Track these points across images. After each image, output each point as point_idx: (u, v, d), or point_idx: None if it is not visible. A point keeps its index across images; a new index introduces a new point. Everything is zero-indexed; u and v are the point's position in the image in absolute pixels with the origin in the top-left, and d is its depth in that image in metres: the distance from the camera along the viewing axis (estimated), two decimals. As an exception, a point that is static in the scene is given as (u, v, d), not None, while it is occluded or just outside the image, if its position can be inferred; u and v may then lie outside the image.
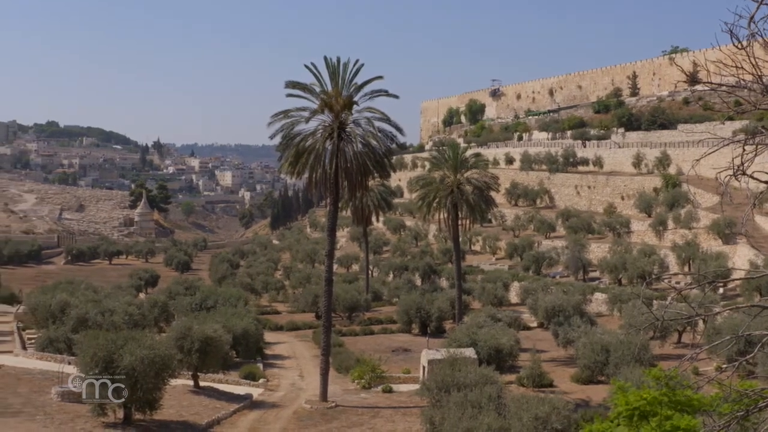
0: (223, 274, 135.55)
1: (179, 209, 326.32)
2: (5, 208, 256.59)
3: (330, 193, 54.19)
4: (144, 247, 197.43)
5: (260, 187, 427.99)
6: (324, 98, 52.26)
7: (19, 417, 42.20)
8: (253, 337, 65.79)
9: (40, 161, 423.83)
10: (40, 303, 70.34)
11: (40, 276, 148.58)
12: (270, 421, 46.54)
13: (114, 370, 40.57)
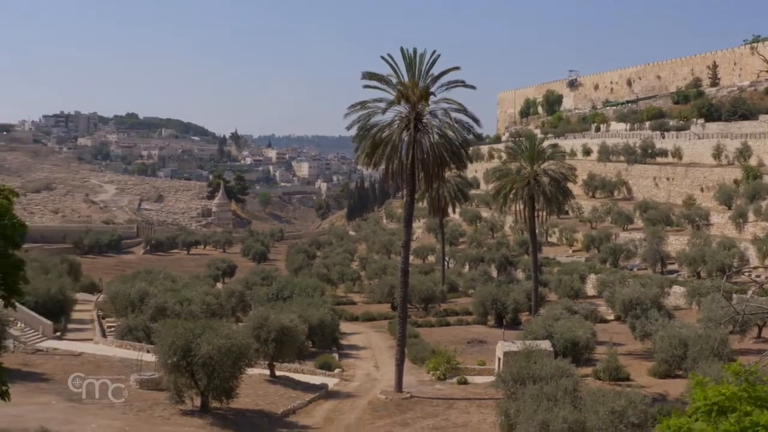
0: (299, 264, 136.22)
1: (256, 200, 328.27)
2: (86, 199, 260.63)
3: (406, 184, 54.18)
4: (221, 237, 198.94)
5: (337, 178, 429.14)
6: (400, 89, 52.19)
7: (99, 404, 42.90)
8: (329, 328, 66.06)
9: (120, 152, 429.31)
10: (119, 292, 71.36)
11: (120, 265, 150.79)
12: (345, 410, 46.76)
13: (191, 359, 41.09)
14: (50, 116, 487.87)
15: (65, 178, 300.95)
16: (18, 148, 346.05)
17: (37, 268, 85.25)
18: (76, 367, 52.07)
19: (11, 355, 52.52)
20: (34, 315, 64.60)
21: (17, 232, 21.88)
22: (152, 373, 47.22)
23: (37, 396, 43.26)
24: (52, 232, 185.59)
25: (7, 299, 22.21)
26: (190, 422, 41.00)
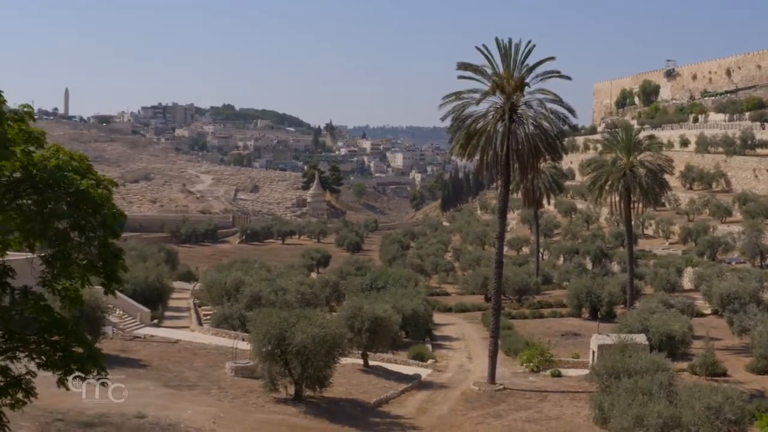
0: (393, 255, 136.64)
1: (351, 190, 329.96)
2: (183, 189, 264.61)
3: (501, 175, 53.90)
4: (316, 227, 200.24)
5: (431, 168, 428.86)
6: (495, 80, 51.90)
7: (195, 390, 43.53)
8: (423, 318, 66.08)
9: (216, 143, 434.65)
10: (215, 281, 72.33)
11: (216, 254, 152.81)
12: (438, 401, 46.74)
13: (286, 348, 41.43)
14: (148, 108, 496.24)
15: (163, 168, 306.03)
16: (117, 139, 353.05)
17: (136, 256, 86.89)
18: (172, 354, 53.01)
19: (110, 342, 53.54)
20: (132, 302, 65.81)
21: (117, 222, 22.22)
22: (247, 361, 47.73)
23: (135, 382, 43.98)
24: (150, 221, 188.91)
25: (108, 287, 22.58)
26: (284, 410, 41.36)
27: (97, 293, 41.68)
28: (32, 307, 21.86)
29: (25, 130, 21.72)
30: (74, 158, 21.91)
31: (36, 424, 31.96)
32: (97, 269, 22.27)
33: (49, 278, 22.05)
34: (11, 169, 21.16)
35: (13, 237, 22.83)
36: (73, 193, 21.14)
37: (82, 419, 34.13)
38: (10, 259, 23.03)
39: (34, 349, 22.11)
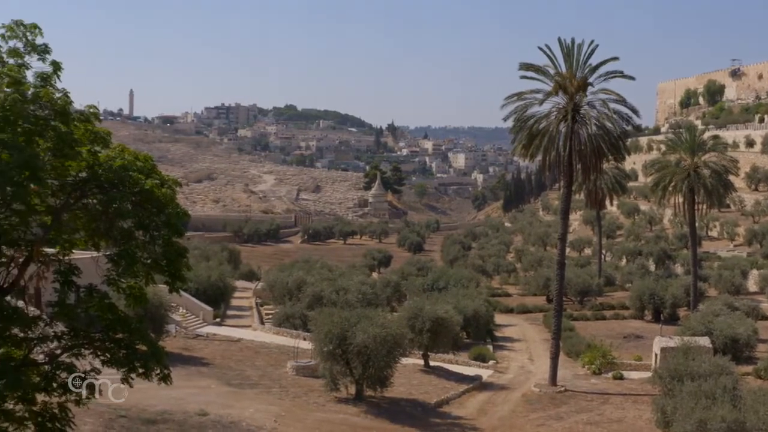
0: (454, 255, 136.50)
1: (412, 191, 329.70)
2: (246, 189, 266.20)
3: (563, 175, 53.69)
4: (378, 227, 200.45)
5: (493, 169, 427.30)
6: (558, 80, 51.66)
7: (257, 389, 43.83)
8: (484, 319, 66.02)
9: (278, 143, 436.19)
10: (277, 280, 72.82)
11: (278, 254, 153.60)
12: (499, 402, 46.63)
13: (347, 347, 41.57)
14: (212, 108, 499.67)
15: (226, 168, 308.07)
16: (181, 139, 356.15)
17: (199, 255, 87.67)
18: (234, 353, 53.43)
19: (173, 340, 54.12)
20: (195, 301, 66.42)
21: (180, 221, 22.44)
22: (308, 360, 47.95)
23: (197, 380, 44.42)
24: (212, 220, 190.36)
25: (172, 285, 22.82)
26: (345, 410, 41.50)
27: (161, 292, 42.19)
28: (97, 305, 22.14)
29: (91, 130, 22.01)
30: (139, 158, 22.16)
31: (100, 420, 32.36)
32: (161, 268, 22.52)
33: (114, 277, 22.32)
34: (77, 169, 21.45)
35: (79, 236, 23.16)
36: (137, 193, 21.39)
37: (145, 416, 34.51)
38: (75, 258, 23.36)
39: (99, 347, 22.40)
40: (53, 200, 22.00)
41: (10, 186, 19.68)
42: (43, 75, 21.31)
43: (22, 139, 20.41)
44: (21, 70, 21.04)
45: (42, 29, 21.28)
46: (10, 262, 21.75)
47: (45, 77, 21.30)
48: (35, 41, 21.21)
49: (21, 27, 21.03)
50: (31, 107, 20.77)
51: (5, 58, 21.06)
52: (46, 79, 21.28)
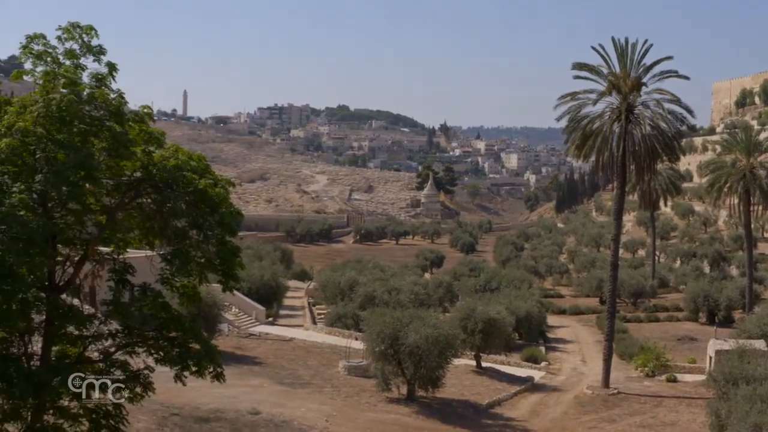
0: (507, 256, 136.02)
1: (465, 191, 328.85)
2: (298, 189, 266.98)
3: (617, 176, 53.35)
4: (430, 228, 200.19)
5: (545, 169, 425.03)
6: (611, 80, 51.34)
7: (309, 388, 43.98)
8: (536, 320, 65.81)
9: (331, 144, 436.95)
10: (329, 280, 72.99)
11: (330, 254, 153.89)
12: (551, 404, 46.44)
13: (399, 348, 41.60)
14: (265, 109, 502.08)
15: (279, 168, 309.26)
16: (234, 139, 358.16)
17: (251, 255, 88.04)
18: (286, 353, 53.67)
19: (226, 339, 54.46)
20: (248, 301, 66.78)
21: (234, 221, 22.58)
22: (360, 360, 48.06)
23: (250, 379, 44.66)
24: (265, 220, 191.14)
25: (225, 284, 22.97)
26: (396, 410, 41.52)
27: (214, 291, 42.42)
28: (151, 304, 22.35)
29: (145, 130, 22.22)
30: (193, 158, 22.33)
31: (153, 417, 32.64)
32: (214, 267, 22.68)
33: (168, 276, 22.52)
34: (132, 169, 21.67)
35: (134, 235, 23.39)
36: (191, 193, 21.56)
37: (198, 414, 34.76)
38: (130, 257, 23.59)
39: (153, 345, 22.61)
40: (108, 200, 22.24)
41: (66, 185, 19.92)
42: (98, 76, 21.53)
43: (78, 139, 20.64)
44: (77, 71, 21.28)
45: (97, 31, 21.49)
46: (65, 260, 22.01)
47: (100, 78, 21.52)
48: (91, 43, 21.44)
49: (77, 29, 21.27)
50: (86, 108, 20.99)
51: (62, 59, 21.31)
52: (101, 80, 21.50)
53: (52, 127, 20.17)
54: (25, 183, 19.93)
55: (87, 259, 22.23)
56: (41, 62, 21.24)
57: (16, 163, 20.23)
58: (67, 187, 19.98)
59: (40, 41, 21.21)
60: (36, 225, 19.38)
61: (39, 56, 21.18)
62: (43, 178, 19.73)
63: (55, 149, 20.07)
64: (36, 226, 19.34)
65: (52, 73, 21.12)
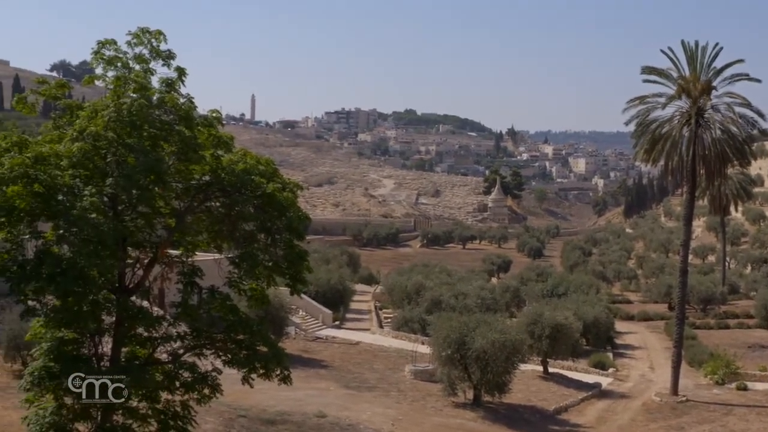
0: (575, 261, 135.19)
1: (532, 196, 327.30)
2: (365, 193, 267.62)
3: (686, 181, 52.70)
4: (497, 232, 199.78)
5: (614, 174, 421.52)
6: (681, 83, 50.74)
7: (375, 392, 44.03)
8: (604, 326, 65.29)
9: (398, 148, 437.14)
10: (396, 284, 73.03)
11: (397, 258, 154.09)
12: (618, 411, 46.01)
13: (465, 352, 41.52)
14: (332, 113, 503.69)
15: (346, 172, 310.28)
16: (301, 143, 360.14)
17: (319, 259, 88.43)
18: (353, 356, 53.79)
19: (293, 342, 54.74)
20: (315, 304, 67.05)
21: (301, 224, 22.72)
22: (426, 364, 48.00)
23: (316, 382, 44.84)
24: (332, 224, 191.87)
25: (293, 288, 23.13)
26: (462, 414, 41.43)
27: (282, 294, 42.68)
28: (219, 307, 22.58)
29: (214, 134, 22.46)
30: (261, 162, 22.52)
31: (220, 419, 32.90)
32: (282, 270, 22.84)
33: (236, 279, 22.74)
34: (201, 173, 21.92)
35: (202, 238, 23.65)
36: (259, 196, 21.74)
37: (265, 416, 34.96)
38: (198, 260, 23.84)
39: (220, 347, 22.83)
40: (177, 203, 22.52)
41: (136, 189, 20.19)
42: (167, 80, 21.79)
43: (148, 143, 20.92)
44: (147, 76, 21.55)
45: (166, 35, 21.76)
46: (135, 263, 22.31)
47: (170, 83, 21.78)
48: (160, 47, 21.71)
49: (146, 34, 21.55)
50: (156, 112, 21.26)
51: (132, 64, 21.60)
52: (170, 85, 21.76)
53: (123, 131, 20.46)
54: (96, 186, 20.24)
55: (156, 261, 22.51)
56: (112, 67, 21.56)
57: (88, 167, 20.54)
58: (137, 191, 20.26)
59: (111, 47, 21.53)
60: (107, 228, 19.67)
61: (110, 61, 21.51)
62: (114, 181, 20.02)
63: (126, 153, 20.37)
64: (107, 229, 19.62)
65: (122, 78, 21.44)
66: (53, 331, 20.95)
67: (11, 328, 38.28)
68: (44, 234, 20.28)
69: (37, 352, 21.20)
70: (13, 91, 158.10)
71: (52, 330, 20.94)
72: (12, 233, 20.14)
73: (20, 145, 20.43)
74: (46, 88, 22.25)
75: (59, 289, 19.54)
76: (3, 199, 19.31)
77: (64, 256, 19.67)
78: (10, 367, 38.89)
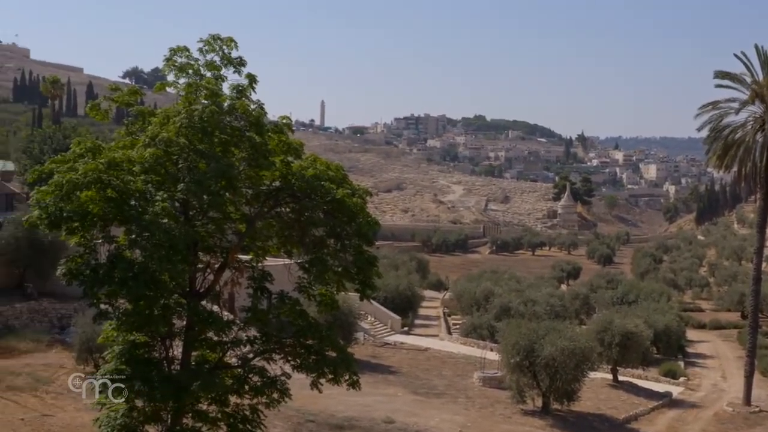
0: (645, 268, 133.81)
1: (602, 202, 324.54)
2: (434, 199, 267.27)
3: (759, 187, 51.88)
4: (567, 239, 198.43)
5: (685, 180, 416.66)
6: (755, 88, 49.96)
7: (443, 398, 43.99)
8: (675, 334, 64.58)
9: (467, 154, 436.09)
10: (465, 290, 72.90)
11: (466, 264, 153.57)
12: (689, 421, 45.44)
13: (534, 359, 41.31)
14: (401, 119, 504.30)
15: (415, 178, 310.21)
16: (371, 149, 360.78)
17: (388, 264, 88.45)
18: (421, 362, 53.77)
19: (361, 347, 54.88)
20: (383, 310, 67.16)
21: (371, 230, 22.78)
22: (495, 371, 47.85)
23: (384, 387, 44.90)
24: (401, 230, 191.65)
25: (362, 293, 23.20)
26: (530, 422, 41.20)
27: (351, 299, 42.77)
28: (289, 311, 22.71)
29: (284, 141, 22.60)
30: (330, 168, 22.62)
31: (289, 423, 33.09)
32: (351, 276, 22.92)
33: (306, 284, 22.86)
34: (271, 178, 22.07)
35: (272, 243, 23.81)
36: (329, 202, 21.84)
37: (333, 421, 35.10)
38: (268, 265, 24.00)
39: (290, 352, 22.96)
40: (248, 208, 22.70)
41: (207, 194, 20.39)
42: (238, 87, 21.99)
43: (219, 149, 21.12)
44: (218, 83, 21.75)
45: (237, 43, 21.94)
46: (206, 267, 22.52)
47: (240, 89, 21.98)
48: (231, 54, 21.90)
49: (218, 41, 21.77)
50: (227, 118, 21.47)
51: (203, 71, 21.82)
52: (241, 91, 21.95)
53: (194, 137, 20.68)
54: (167, 192, 20.48)
55: (227, 266, 22.70)
56: (184, 74, 21.81)
57: (160, 173, 20.80)
58: (208, 196, 20.45)
59: (183, 54, 21.79)
60: (178, 232, 19.89)
61: (182, 68, 21.76)
62: (185, 187, 20.24)
63: (197, 159, 20.59)
64: (178, 234, 19.85)
65: (194, 85, 21.67)
66: (125, 334, 21.24)
67: (84, 331, 38.95)
68: (117, 238, 20.57)
69: (109, 354, 21.49)
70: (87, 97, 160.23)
71: (124, 333, 21.22)
72: (85, 238, 20.47)
73: (94, 150, 20.77)
74: (118, 94, 22.59)
75: (131, 293, 19.81)
76: (77, 204, 19.61)
77: (136, 261, 19.95)
78: (82, 370, 39.46)
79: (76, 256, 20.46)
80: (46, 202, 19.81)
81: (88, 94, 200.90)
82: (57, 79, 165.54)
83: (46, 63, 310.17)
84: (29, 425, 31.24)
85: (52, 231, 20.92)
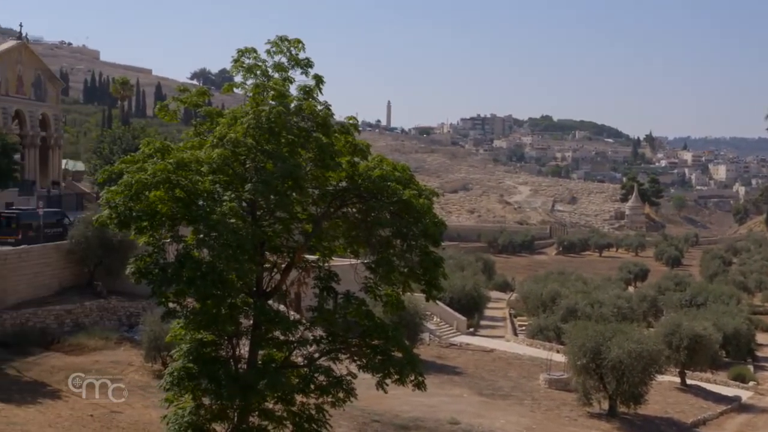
0: (714, 270, 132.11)
1: (670, 203, 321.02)
2: (501, 199, 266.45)
3: (832, 189, 51.08)
4: (634, 240, 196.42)
5: (756, 181, 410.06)
6: (828, 89, 49.18)
7: (508, 400, 43.83)
8: (744, 338, 63.68)
9: (534, 154, 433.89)
10: (531, 291, 72.52)
11: (532, 265, 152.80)
12: (759, 426, 44.82)
13: (601, 362, 41.01)
14: (467, 119, 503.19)
15: (481, 179, 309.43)
16: (437, 150, 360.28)
17: (453, 265, 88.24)
18: (487, 363, 53.61)
19: (427, 348, 54.82)
20: (449, 310, 67.04)
21: (437, 231, 22.78)
22: (561, 373, 47.59)
23: (450, 388, 44.83)
24: (467, 231, 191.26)
25: (428, 294, 23.20)
26: (597, 425, 40.91)
27: (417, 300, 42.79)
28: (355, 311, 22.77)
29: (351, 142, 22.67)
30: (397, 168, 22.63)
31: (354, 423, 33.17)
32: (417, 276, 22.92)
33: (372, 284, 22.90)
34: (337, 179, 22.15)
35: (339, 243, 23.89)
36: (396, 203, 21.85)
37: (398, 422, 35.13)
38: (334, 265, 24.09)
39: (356, 352, 23.02)
40: (314, 209, 22.80)
41: (274, 195, 20.52)
42: (305, 88, 22.10)
43: (286, 149, 21.23)
44: (285, 84, 21.86)
45: (304, 44, 22.04)
46: (273, 267, 22.67)
47: (307, 90, 22.08)
48: (298, 56, 22.01)
49: (285, 42, 21.88)
50: (294, 119, 21.58)
51: (270, 72, 21.94)
52: (308, 92, 22.06)
53: (262, 138, 20.82)
54: (235, 192, 20.66)
55: (294, 266, 22.83)
56: (251, 75, 21.97)
57: (227, 173, 20.98)
58: (275, 196, 20.58)
59: (251, 55, 21.95)
60: (245, 232, 20.05)
61: (249, 69, 21.92)
62: (253, 187, 20.39)
63: (264, 159, 20.72)
64: (245, 234, 20.00)
65: (261, 86, 21.82)
66: (193, 333, 21.46)
67: (152, 329, 39.40)
68: (185, 238, 20.78)
69: (176, 353, 21.74)
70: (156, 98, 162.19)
71: (192, 332, 21.44)
72: (154, 237, 20.73)
73: (162, 151, 21.01)
74: (187, 95, 22.82)
75: (199, 292, 20.01)
76: (146, 203, 19.86)
77: (203, 260, 20.14)
78: (150, 367, 39.91)
79: (145, 256, 20.72)
80: (115, 202, 20.10)
81: (157, 95, 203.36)
82: (126, 81, 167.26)
83: (115, 64, 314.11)
84: (98, 421, 31.67)
85: (121, 230, 21.24)
